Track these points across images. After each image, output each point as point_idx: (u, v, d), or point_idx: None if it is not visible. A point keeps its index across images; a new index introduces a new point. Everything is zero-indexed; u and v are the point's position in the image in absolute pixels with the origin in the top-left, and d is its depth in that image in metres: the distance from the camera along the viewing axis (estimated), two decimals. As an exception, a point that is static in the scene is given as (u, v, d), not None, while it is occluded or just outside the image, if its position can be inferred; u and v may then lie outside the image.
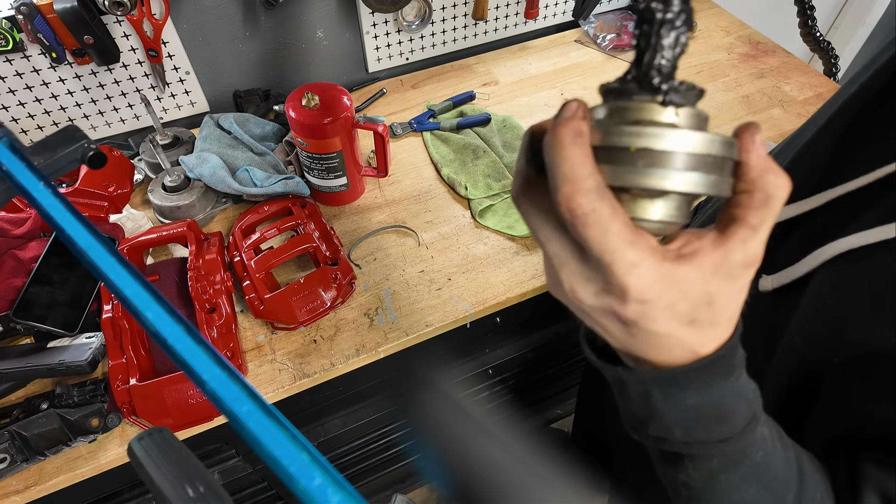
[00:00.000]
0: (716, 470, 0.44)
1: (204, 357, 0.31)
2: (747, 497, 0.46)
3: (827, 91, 1.53)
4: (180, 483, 0.32)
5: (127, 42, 1.28)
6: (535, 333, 1.52)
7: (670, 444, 0.44)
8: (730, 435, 0.42)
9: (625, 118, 0.36)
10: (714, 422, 0.41)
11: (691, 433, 0.42)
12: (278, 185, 1.19)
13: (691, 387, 0.40)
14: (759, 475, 0.45)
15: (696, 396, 0.40)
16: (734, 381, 0.41)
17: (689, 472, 0.45)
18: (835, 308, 0.53)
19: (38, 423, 0.90)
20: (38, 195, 0.41)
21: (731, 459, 0.43)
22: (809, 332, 0.56)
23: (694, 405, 0.40)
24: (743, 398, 0.42)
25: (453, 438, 0.32)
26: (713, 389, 0.40)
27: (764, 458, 0.45)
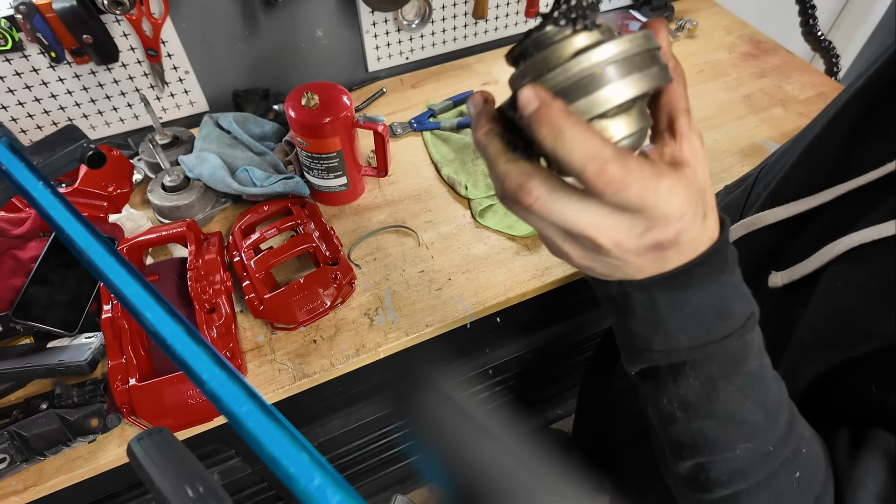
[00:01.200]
0: (716, 377, 0.46)
1: (203, 357, 0.31)
2: (743, 411, 0.47)
3: (828, 90, 1.53)
4: (180, 483, 0.32)
5: (126, 41, 1.28)
6: (536, 333, 1.52)
7: (677, 354, 0.45)
8: (731, 331, 0.44)
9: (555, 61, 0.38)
10: (717, 319, 0.44)
11: (698, 336, 0.44)
12: (278, 185, 1.19)
13: (694, 284, 0.42)
14: (754, 388, 0.47)
15: (698, 295, 0.43)
16: (730, 276, 0.44)
17: (691, 381, 0.46)
18: (847, 302, 0.53)
19: (38, 424, 0.90)
20: (38, 195, 0.41)
21: (729, 364, 0.45)
22: (821, 327, 0.56)
23: (697, 304, 0.43)
24: (740, 295, 0.45)
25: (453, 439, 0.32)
26: (712, 285, 0.43)
27: (759, 370, 0.46)
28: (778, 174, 0.69)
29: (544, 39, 0.39)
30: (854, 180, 0.56)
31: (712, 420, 0.47)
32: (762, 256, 0.66)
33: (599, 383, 1.34)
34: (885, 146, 0.55)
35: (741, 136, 1.41)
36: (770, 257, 0.65)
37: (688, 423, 0.49)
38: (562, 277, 1.13)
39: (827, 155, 0.62)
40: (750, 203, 0.74)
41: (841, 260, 0.54)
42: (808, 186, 0.62)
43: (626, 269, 0.42)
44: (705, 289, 0.43)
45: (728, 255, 0.43)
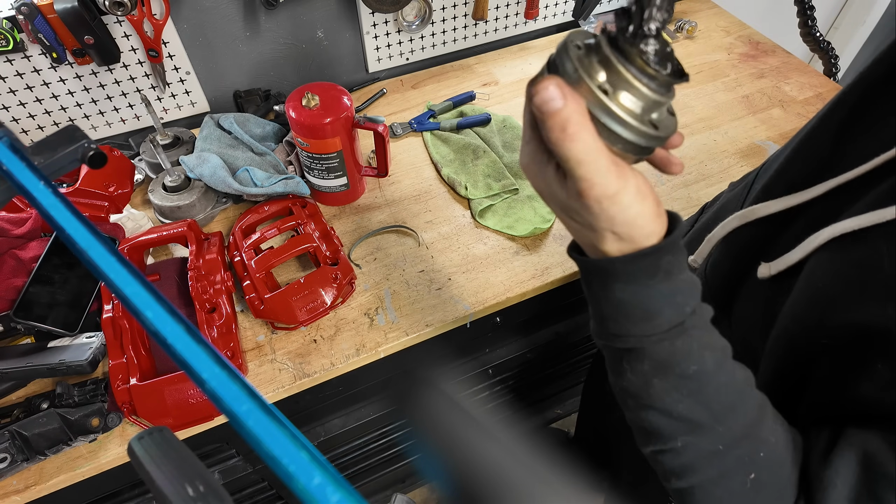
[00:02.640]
0: (648, 373, 0.49)
1: (204, 356, 0.31)
2: (681, 408, 0.50)
3: (827, 91, 1.53)
4: (180, 482, 0.31)
5: (127, 42, 1.28)
6: (535, 333, 1.52)
7: (606, 338, 0.51)
8: (653, 332, 0.48)
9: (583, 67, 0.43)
10: (640, 318, 0.48)
11: (620, 325, 0.49)
12: (278, 185, 1.19)
13: (619, 278, 0.48)
14: (693, 390, 0.49)
15: (623, 290, 0.48)
16: (659, 283, 0.47)
17: (627, 375, 0.51)
18: (825, 290, 0.54)
19: (39, 423, 0.90)
20: (39, 195, 0.41)
21: (660, 364, 0.49)
22: (800, 314, 0.57)
23: (621, 298, 0.48)
24: (671, 304, 0.48)
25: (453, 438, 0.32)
26: (640, 287, 0.47)
27: (698, 375, 0.49)
28: (773, 168, 0.71)
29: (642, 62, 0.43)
30: (842, 175, 0.57)
31: (653, 411, 0.51)
32: (755, 248, 0.68)
33: (601, 378, 1.34)
34: (872, 141, 0.56)
35: (740, 137, 1.41)
36: (762, 250, 0.67)
37: (636, 411, 0.53)
38: (561, 277, 1.13)
39: (818, 150, 0.63)
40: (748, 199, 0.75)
41: (822, 250, 0.55)
42: (800, 181, 0.63)
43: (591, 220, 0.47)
44: (631, 287, 0.47)
45: (661, 263, 0.46)
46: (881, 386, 0.49)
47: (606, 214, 0.45)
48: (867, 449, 0.48)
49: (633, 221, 0.45)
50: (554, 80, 0.42)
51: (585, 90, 0.43)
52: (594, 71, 0.43)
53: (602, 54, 0.43)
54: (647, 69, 0.42)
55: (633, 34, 0.42)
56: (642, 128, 0.43)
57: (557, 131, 0.42)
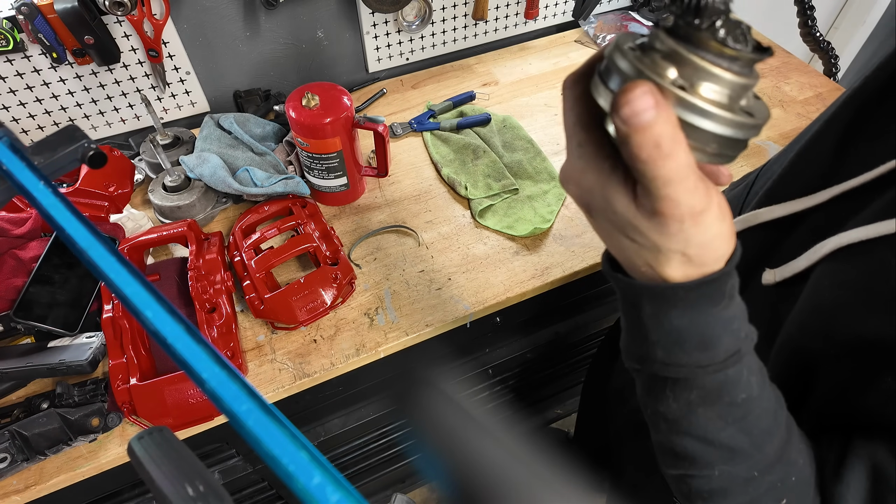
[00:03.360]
0: (694, 402, 0.46)
1: (204, 356, 0.31)
2: (723, 436, 0.47)
3: (827, 91, 1.53)
4: (180, 482, 0.31)
5: (127, 42, 1.28)
6: (535, 333, 1.52)
7: (652, 365, 0.46)
8: (709, 363, 0.44)
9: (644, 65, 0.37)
10: (696, 347, 0.44)
11: (671, 354, 0.45)
12: (278, 185, 1.19)
13: (678, 305, 0.42)
14: (738, 417, 0.47)
15: (681, 317, 0.43)
16: (722, 310, 0.43)
17: (669, 402, 0.47)
18: (831, 300, 0.53)
19: (39, 423, 0.90)
20: (39, 195, 0.41)
21: (709, 393, 0.45)
22: (806, 323, 0.57)
23: (678, 326, 0.43)
24: (729, 331, 0.44)
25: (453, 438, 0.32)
26: (699, 314, 0.42)
27: (745, 402, 0.46)
28: (776, 172, 0.70)
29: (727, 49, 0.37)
30: (847, 182, 0.56)
31: (691, 438, 0.48)
32: (758, 254, 0.67)
33: (601, 378, 1.34)
34: (877, 149, 0.55)
35: (740, 137, 1.41)
36: (765, 255, 0.66)
37: (669, 435, 0.50)
38: (561, 277, 1.13)
39: (821, 156, 0.63)
40: (749, 200, 0.75)
41: (829, 259, 0.54)
42: (804, 186, 0.62)
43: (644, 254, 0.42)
44: (689, 314, 0.43)
45: (726, 288, 0.42)
46: (888, 398, 0.48)
47: (684, 235, 0.39)
48: (875, 461, 0.48)
49: (709, 243, 0.40)
50: (646, 87, 0.35)
51: None
52: (661, 69, 0.37)
53: (666, 48, 0.37)
54: (726, 50, 0.36)
55: (699, 11, 0.36)
56: (737, 118, 0.36)
57: (650, 149, 0.35)
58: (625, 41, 0.39)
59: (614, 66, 0.38)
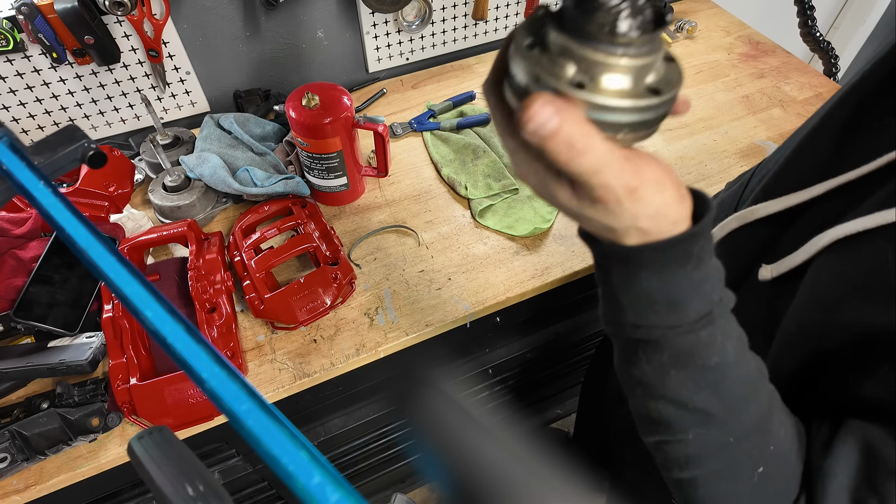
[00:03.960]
0: (666, 364, 0.47)
1: (203, 356, 0.31)
2: (697, 399, 0.47)
3: (827, 91, 1.53)
4: (180, 482, 0.32)
5: (127, 42, 1.28)
6: (535, 333, 1.52)
7: (624, 329, 0.47)
8: (679, 323, 0.45)
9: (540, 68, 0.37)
10: (665, 308, 0.45)
11: (642, 316, 0.46)
12: (278, 185, 1.19)
13: (645, 267, 0.44)
14: (711, 381, 0.47)
15: (649, 278, 0.44)
16: (691, 271, 0.44)
17: (643, 365, 0.48)
18: (830, 294, 0.53)
19: (39, 423, 0.90)
20: (39, 195, 0.41)
21: (680, 354, 0.46)
22: (805, 318, 0.57)
23: (647, 288, 0.44)
24: (700, 293, 0.44)
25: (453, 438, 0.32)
26: (667, 275, 0.43)
27: (719, 367, 0.46)
28: (772, 168, 0.70)
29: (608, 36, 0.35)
30: (844, 175, 0.56)
31: (665, 402, 0.49)
32: (754, 250, 0.67)
33: (600, 378, 1.34)
34: (875, 142, 0.55)
35: (740, 137, 1.41)
36: (762, 250, 0.66)
37: (644, 400, 0.50)
38: (561, 277, 1.13)
39: (819, 150, 0.63)
40: (745, 197, 0.75)
41: (826, 252, 0.54)
42: (801, 181, 0.62)
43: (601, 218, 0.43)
44: (657, 275, 0.44)
45: (694, 249, 0.43)
46: (886, 388, 0.48)
47: (629, 213, 0.40)
48: (868, 439, 0.48)
49: (656, 214, 0.41)
50: (543, 98, 0.35)
51: None
52: (559, 68, 0.36)
53: (559, 43, 0.36)
54: (618, 39, 0.34)
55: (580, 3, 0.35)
56: (642, 102, 0.36)
57: (565, 151, 0.37)
58: (522, 38, 0.39)
59: (512, 74, 0.39)
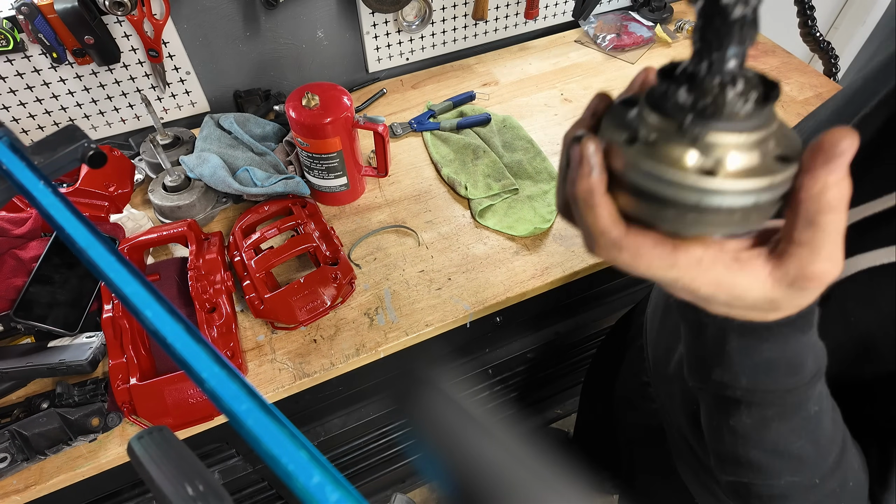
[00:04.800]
0: (770, 418, 0.45)
1: (203, 356, 0.31)
2: (793, 448, 0.47)
3: (827, 91, 1.53)
4: (180, 482, 0.31)
5: (127, 42, 1.28)
6: (535, 333, 1.52)
7: (732, 391, 0.45)
8: (796, 386, 0.43)
9: (655, 161, 0.33)
10: (784, 373, 0.43)
11: (758, 382, 0.44)
12: (278, 185, 1.19)
13: (770, 339, 0.41)
14: (809, 429, 0.46)
15: (772, 349, 0.42)
16: (811, 335, 0.42)
17: (742, 418, 0.46)
18: (860, 325, 0.52)
19: (39, 423, 0.90)
20: (39, 194, 0.41)
21: (788, 410, 0.45)
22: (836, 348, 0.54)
23: (769, 357, 0.42)
24: (814, 353, 0.43)
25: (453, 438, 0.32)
26: (790, 344, 0.41)
27: (817, 414, 0.46)
28: None
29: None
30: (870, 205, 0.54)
31: (760, 450, 0.48)
32: None
33: (604, 382, 1.33)
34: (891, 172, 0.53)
35: (741, 137, 1.41)
36: None
37: (735, 447, 0.49)
38: (561, 277, 1.13)
39: None
40: None
41: (852, 280, 0.53)
42: None
43: None
44: (782, 345, 0.41)
45: (814, 316, 0.41)
46: None
47: (811, 296, 0.37)
48: None
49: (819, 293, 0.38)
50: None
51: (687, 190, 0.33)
52: (677, 161, 0.33)
53: (674, 133, 0.33)
54: (739, 114, 0.32)
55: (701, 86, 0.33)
56: (778, 177, 0.33)
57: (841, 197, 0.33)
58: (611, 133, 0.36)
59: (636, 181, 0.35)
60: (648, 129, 0.35)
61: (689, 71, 0.34)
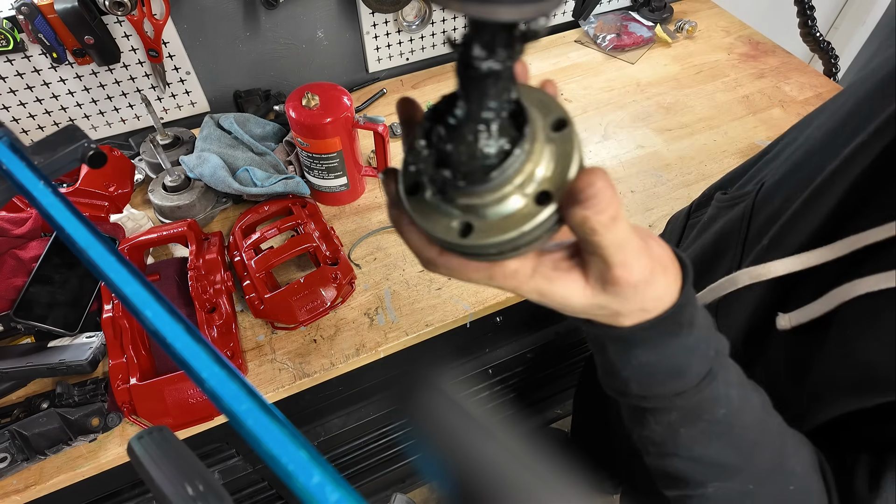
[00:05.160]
0: (675, 423, 0.46)
1: (203, 356, 0.31)
2: (710, 452, 0.47)
3: (827, 91, 1.53)
4: (180, 482, 0.31)
5: (127, 42, 1.28)
6: (535, 333, 1.52)
7: (629, 398, 0.47)
8: (684, 389, 0.44)
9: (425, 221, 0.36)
10: (667, 376, 0.44)
11: (645, 387, 0.45)
12: (278, 185, 1.19)
13: (640, 345, 0.43)
14: (721, 432, 0.47)
15: (645, 353, 0.43)
16: (685, 337, 0.43)
17: (652, 426, 0.47)
18: (861, 353, 0.52)
19: (39, 423, 0.90)
20: (39, 194, 0.41)
21: (689, 413, 0.45)
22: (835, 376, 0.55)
23: (645, 361, 0.43)
24: (697, 354, 0.44)
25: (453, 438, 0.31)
26: (663, 347, 0.43)
27: (726, 416, 0.46)
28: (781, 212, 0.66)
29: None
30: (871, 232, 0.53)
31: (679, 458, 0.48)
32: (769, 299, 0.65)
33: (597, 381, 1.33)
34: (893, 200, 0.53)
35: (739, 137, 1.41)
36: (777, 299, 0.64)
37: (658, 459, 0.50)
38: (561, 277, 1.13)
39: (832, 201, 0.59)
40: (751, 236, 0.72)
41: (850, 306, 0.52)
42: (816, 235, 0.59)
43: None
44: (655, 349, 0.43)
45: (683, 318, 0.42)
46: None
47: (640, 297, 0.39)
48: None
49: (661, 295, 0.40)
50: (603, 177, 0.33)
51: None
52: (440, 223, 0.35)
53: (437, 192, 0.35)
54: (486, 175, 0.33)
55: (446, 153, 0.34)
56: (537, 220, 0.34)
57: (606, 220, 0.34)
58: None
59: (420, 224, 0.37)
60: (422, 180, 0.36)
61: (438, 131, 0.34)
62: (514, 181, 0.33)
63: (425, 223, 0.36)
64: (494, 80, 0.30)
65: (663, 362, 0.43)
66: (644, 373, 0.44)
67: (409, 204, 0.36)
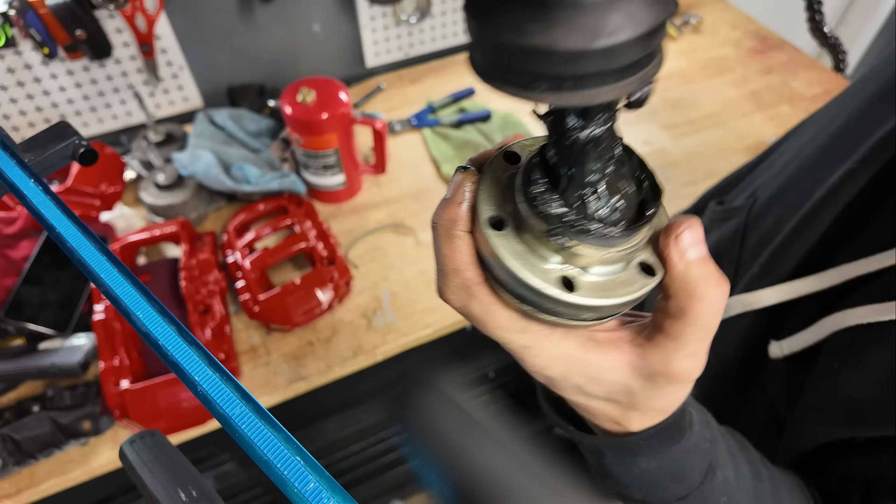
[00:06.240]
0: None
1: (196, 358, 0.31)
2: None
3: (835, 87, 1.52)
4: (173, 487, 0.32)
5: (120, 37, 1.27)
6: (536, 334, 1.51)
7: (630, 501, 0.45)
8: (687, 492, 0.43)
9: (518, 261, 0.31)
10: (670, 482, 0.42)
11: (648, 493, 0.43)
12: (273, 183, 1.17)
13: (641, 453, 0.40)
14: None
15: (647, 462, 0.40)
16: (685, 441, 0.40)
17: None
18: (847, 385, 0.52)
19: (30, 426, 0.90)
20: (29, 193, 0.41)
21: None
22: (822, 406, 0.55)
23: (647, 469, 0.41)
24: (697, 454, 0.42)
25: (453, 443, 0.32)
26: (664, 455, 0.40)
27: (727, 502, 0.45)
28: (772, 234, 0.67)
29: None
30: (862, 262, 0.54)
31: None
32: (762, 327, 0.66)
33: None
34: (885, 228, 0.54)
35: (747, 134, 1.40)
36: (770, 325, 0.65)
37: None
38: (564, 277, 1.12)
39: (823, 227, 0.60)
40: (744, 259, 0.72)
41: (838, 338, 0.53)
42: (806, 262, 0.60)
43: None
44: (656, 457, 0.40)
45: (684, 423, 0.40)
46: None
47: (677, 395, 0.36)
48: None
49: (682, 397, 0.37)
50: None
51: None
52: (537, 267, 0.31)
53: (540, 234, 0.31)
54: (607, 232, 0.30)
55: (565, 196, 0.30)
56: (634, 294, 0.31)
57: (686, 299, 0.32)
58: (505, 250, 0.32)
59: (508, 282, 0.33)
60: (517, 217, 0.32)
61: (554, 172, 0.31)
62: (631, 242, 0.31)
63: (514, 262, 0.31)
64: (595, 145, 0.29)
65: (665, 468, 0.41)
66: (646, 480, 0.42)
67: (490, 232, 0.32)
